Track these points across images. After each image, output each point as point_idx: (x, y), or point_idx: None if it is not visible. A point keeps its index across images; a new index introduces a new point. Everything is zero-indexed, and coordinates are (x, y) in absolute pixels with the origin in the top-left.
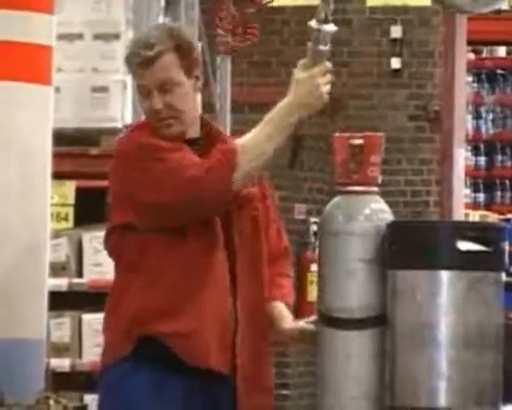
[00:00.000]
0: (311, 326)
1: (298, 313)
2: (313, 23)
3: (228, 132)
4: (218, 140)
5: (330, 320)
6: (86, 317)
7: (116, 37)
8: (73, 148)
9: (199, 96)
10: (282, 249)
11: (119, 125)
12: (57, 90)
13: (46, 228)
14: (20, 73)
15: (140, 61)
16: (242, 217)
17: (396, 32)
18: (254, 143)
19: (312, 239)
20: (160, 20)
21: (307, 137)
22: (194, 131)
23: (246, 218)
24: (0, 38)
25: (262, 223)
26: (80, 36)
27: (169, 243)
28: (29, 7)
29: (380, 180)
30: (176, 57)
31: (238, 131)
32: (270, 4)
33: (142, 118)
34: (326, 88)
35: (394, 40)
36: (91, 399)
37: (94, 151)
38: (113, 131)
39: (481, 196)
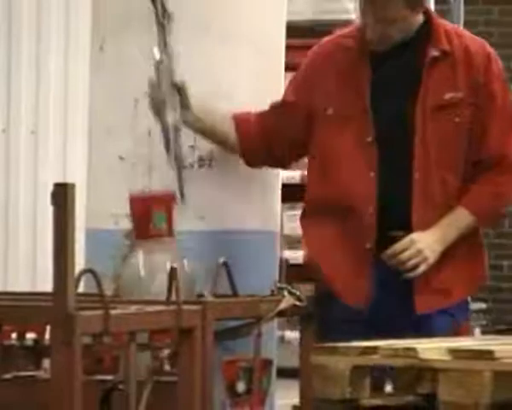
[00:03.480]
0: None
1: None
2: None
3: (461, 25)
4: (434, 37)
5: None
6: None
7: None
8: (307, 40)
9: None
10: (496, 155)
11: (353, 16)
12: None
13: None
14: None
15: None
16: (440, 119)
17: None
18: None
19: None
20: None
21: None
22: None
23: (445, 121)
24: None
25: (463, 128)
26: None
27: None
28: None
29: None
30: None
31: (471, 23)
32: None
33: None
34: None
35: None
36: None
37: None
38: (346, 23)
39: None
